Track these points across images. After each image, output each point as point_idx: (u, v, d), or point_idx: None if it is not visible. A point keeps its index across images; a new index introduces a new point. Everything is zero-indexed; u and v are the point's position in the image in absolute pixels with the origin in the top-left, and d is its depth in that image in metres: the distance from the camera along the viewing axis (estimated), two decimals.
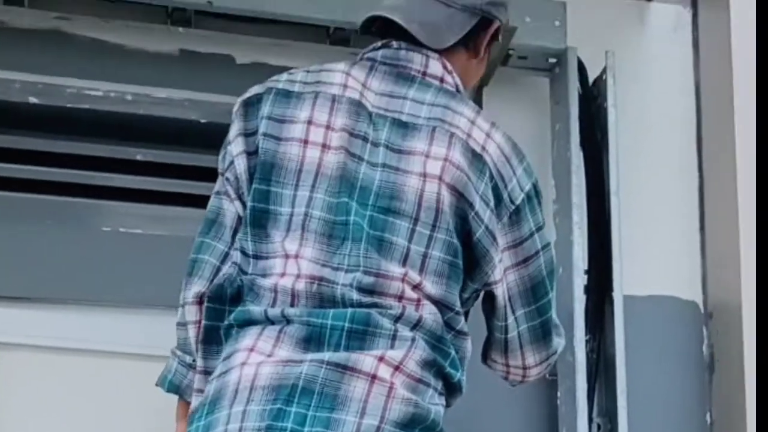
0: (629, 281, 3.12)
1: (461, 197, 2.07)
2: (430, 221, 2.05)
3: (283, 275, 2.04)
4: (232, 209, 2.14)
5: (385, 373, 1.95)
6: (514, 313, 2.17)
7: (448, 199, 2.05)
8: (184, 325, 2.15)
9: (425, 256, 2.04)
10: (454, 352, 2.07)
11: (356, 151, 2.08)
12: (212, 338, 2.10)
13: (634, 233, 3.17)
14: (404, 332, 2.00)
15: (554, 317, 2.23)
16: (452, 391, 2.08)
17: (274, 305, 2.03)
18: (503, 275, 2.13)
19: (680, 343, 3.20)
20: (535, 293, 2.17)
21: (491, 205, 2.08)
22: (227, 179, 2.15)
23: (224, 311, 2.09)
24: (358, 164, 2.07)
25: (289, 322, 2.01)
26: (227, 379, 1.98)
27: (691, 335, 3.21)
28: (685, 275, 3.25)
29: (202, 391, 2.06)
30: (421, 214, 2.04)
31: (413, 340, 2.00)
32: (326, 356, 1.95)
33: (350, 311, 1.99)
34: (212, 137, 2.69)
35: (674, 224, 3.28)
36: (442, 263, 2.05)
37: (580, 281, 3.06)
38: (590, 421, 3.03)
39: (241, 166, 2.13)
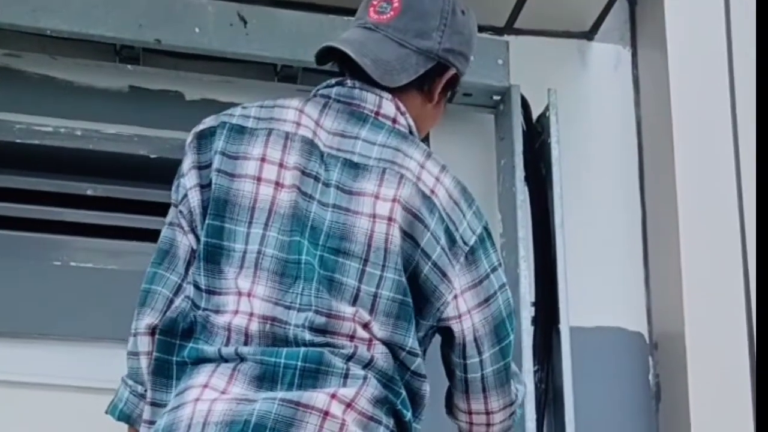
0: (576, 313, 3.11)
1: (409, 236, 2.03)
2: (379, 261, 2.01)
3: (236, 313, 2.01)
4: (185, 242, 2.10)
5: (337, 410, 1.91)
6: (481, 354, 2.12)
7: (396, 238, 2.02)
8: (136, 354, 2.11)
9: (375, 296, 2.00)
10: (405, 392, 2.02)
11: (308, 190, 2.05)
12: (162, 371, 2.05)
13: (579, 266, 3.17)
14: (356, 371, 1.97)
15: (512, 364, 2.19)
16: (404, 430, 2.03)
17: (227, 344, 1.99)
18: (469, 315, 2.09)
19: (627, 372, 3.20)
20: (497, 334, 2.12)
21: (442, 242, 2.05)
22: (180, 212, 2.11)
23: (175, 345, 2.04)
24: (309, 203, 2.04)
25: (243, 360, 1.97)
26: (180, 414, 1.93)
27: (637, 365, 3.21)
28: (630, 307, 3.25)
29: (150, 422, 2.02)
30: (371, 254, 2.01)
31: (365, 378, 1.97)
32: (279, 394, 1.91)
33: (303, 350, 1.96)
34: (162, 172, 2.76)
35: (619, 257, 3.28)
36: (391, 302, 2.01)
37: (527, 313, 3.05)
38: None
39: (194, 199, 2.08)
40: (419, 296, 2.05)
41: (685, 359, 3.04)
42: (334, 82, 2.18)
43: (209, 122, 2.14)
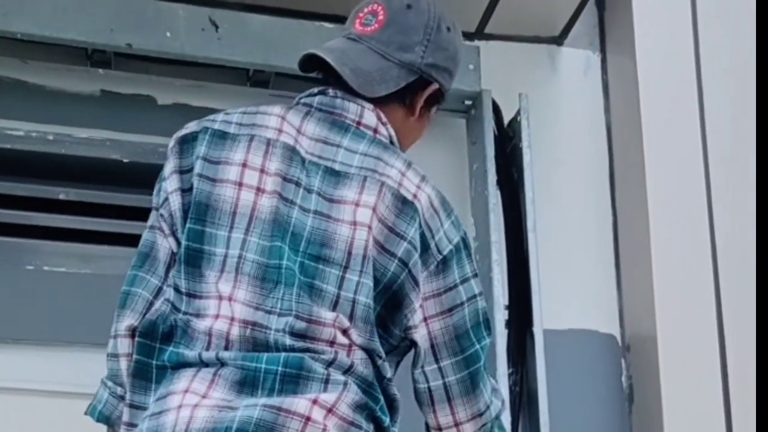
0: (549, 316, 3.09)
1: (387, 243, 2.00)
2: (357, 267, 1.98)
3: (217, 317, 1.96)
4: (166, 245, 2.05)
5: (318, 415, 1.87)
6: (438, 362, 2.07)
7: (374, 245, 1.99)
8: (116, 356, 2.06)
9: (354, 302, 1.97)
10: (383, 399, 1.99)
11: (289, 195, 2.02)
12: (141, 374, 2.01)
13: (552, 269, 3.15)
14: (336, 376, 1.93)
15: (487, 376, 2.13)
16: None
17: (208, 348, 1.95)
18: (426, 323, 2.05)
19: (600, 374, 3.19)
20: (460, 343, 2.07)
21: (418, 251, 2.01)
22: (161, 215, 2.06)
23: (155, 348, 2.00)
24: (290, 209, 2.00)
25: (223, 364, 1.92)
26: (163, 420, 1.89)
27: (610, 367, 3.20)
28: (602, 309, 3.24)
29: (130, 424, 1.98)
30: (350, 261, 1.97)
31: (345, 384, 1.93)
32: (261, 400, 1.87)
33: (284, 355, 1.92)
34: (134, 177, 2.78)
35: (591, 260, 3.27)
36: (367, 309, 1.98)
37: (501, 316, 3.03)
38: None
39: (175, 203, 2.04)
40: (393, 303, 2.02)
41: (657, 361, 3.04)
42: (317, 90, 2.15)
43: (192, 127, 2.11)
